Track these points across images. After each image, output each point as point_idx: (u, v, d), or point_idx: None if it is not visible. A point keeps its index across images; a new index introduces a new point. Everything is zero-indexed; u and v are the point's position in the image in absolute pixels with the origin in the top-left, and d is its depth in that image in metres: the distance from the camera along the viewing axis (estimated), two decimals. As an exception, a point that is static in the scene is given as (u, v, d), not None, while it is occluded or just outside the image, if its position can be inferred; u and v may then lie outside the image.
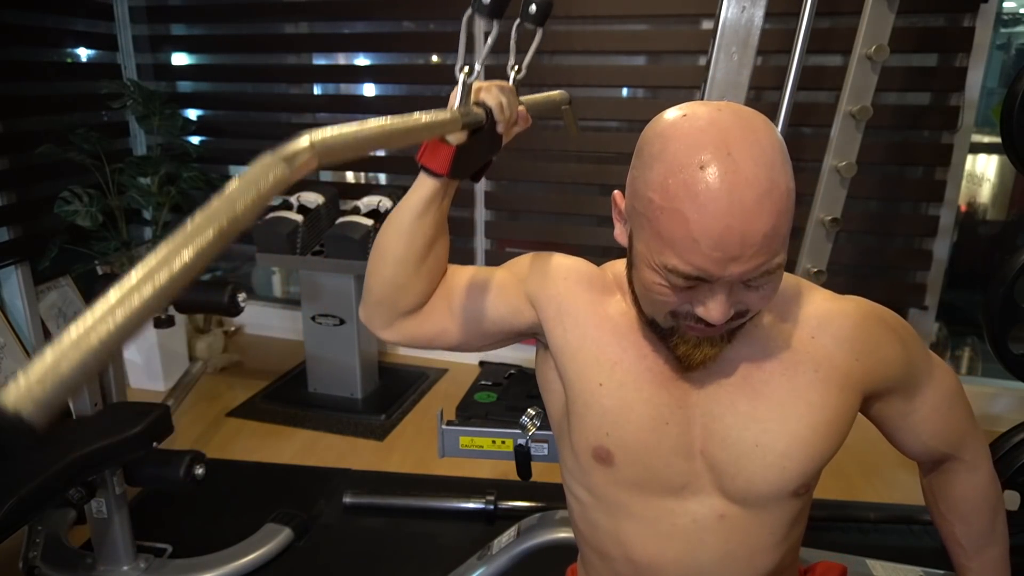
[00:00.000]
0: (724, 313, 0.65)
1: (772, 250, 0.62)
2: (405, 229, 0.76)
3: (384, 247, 0.79)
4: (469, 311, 0.82)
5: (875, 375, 0.79)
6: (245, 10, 2.79)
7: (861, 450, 2.17)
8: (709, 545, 0.78)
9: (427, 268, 0.79)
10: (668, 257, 0.63)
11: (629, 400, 0.76)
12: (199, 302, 1.86)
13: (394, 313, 0.81)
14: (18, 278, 2.49)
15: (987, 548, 0.92)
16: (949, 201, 2.31)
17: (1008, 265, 1.51)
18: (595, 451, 0.78)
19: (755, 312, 0.69)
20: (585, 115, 2.56)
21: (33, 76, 2.63)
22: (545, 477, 1.57)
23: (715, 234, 0.60)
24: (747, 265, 0.62)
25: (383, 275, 0.79)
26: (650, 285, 0.67)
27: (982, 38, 2.15)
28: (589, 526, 0.85)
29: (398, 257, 0.78)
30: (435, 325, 0.83)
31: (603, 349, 0.77)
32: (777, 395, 0.75)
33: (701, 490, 0.77)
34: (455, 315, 0.82)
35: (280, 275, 3.41)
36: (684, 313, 0.68)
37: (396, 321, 0.82)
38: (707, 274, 0.62)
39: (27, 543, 1.65)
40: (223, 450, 2.21)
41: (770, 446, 0.74)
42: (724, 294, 0.64)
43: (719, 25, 1.60)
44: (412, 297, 0.80)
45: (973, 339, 2.76)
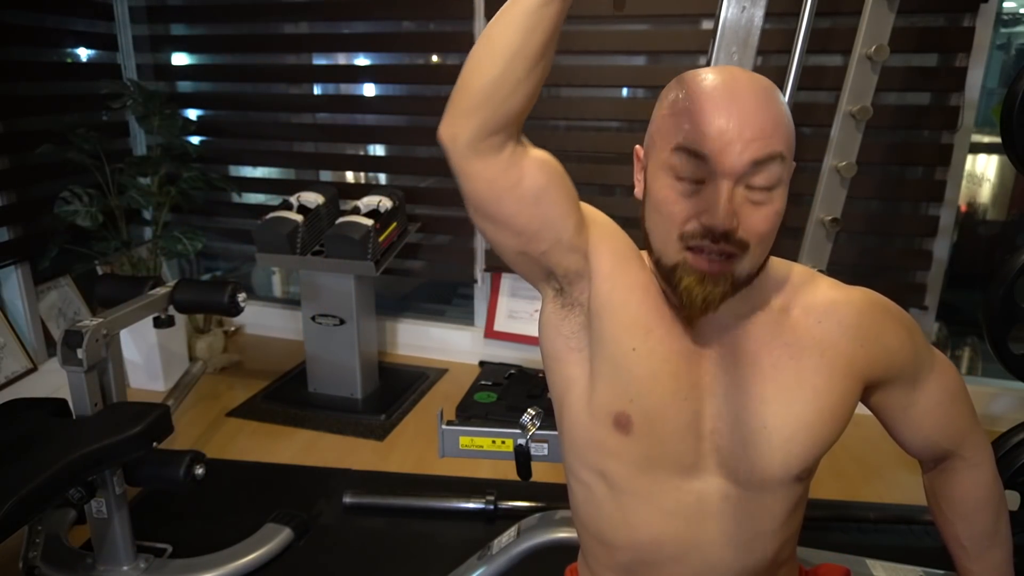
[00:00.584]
0: (727, 211, 0.67)
1: (770, 139, 0.68)
2: (526, 18, 0.66)
3: (495, 39, 0.68)
4: (554, 195, 0.75)
5: (878, 363, 0.81)
6: (245, 10, 2.79)
7: (861, 450, 2.17)
8: (710, 526, 0.79)
9: (539, 74, 0.69)
10: (676, 140, 0.69)
11: (657, 370, 0.77)
12: (199, 302, 1.86)
13: (491, 123, 0.69)
14: (18, 278, 2.49)
15: (990, 550, 0.92)
16: (949, 201, 2.31)
17: (1008, 265, 1.50)
18: (617, 416, 0.78)
19: (752, 247, 0.70)
20: (585, 115, 2.57)
21: (33, 76, 2.63)
22: (545, 477, 1.57)
23: (717, 115, 0.67)
24: (747, 148, 0.67)
25: (491, 71, 0.68)
26: (661, 197, 0.71)
27: (982, 38, 2.15)
28: (593, 510, 0.85)
29: (513, 50, 0.67)
30: (514, 177, 0.72)
31: (642, 314, 0.78)
32: (784, 379, 0.77)
33: (707, 470, 0.79)
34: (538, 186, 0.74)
35: (280, 275, 3.41)
36: (691, 233, 0.70)
37: (487, 139, 0.70)
38: (710, 151, 0.67)
39: (27, 543, 1.64)
40: (223, 450, 2.21)
41: (777, 429, 0.76)
42: (727, 193, 0.67)
43: (719, 25, 1.59)
44: (516, 103, 0.69)
45: (973, 339, 2.76)
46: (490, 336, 2.85)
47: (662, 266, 0.74)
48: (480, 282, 2.85)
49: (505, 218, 0.74)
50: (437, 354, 2.93)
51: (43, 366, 2.53)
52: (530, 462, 1.41)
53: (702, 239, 0.69)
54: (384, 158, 3.09)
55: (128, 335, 2.49)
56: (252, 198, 3.07)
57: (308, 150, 3.00)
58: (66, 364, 1.49)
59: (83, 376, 1.50)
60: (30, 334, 2.53)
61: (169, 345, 2.61)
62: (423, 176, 2.85)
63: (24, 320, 2.52)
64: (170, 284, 1.83)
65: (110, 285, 1.87)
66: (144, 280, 1.83)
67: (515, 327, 2.82)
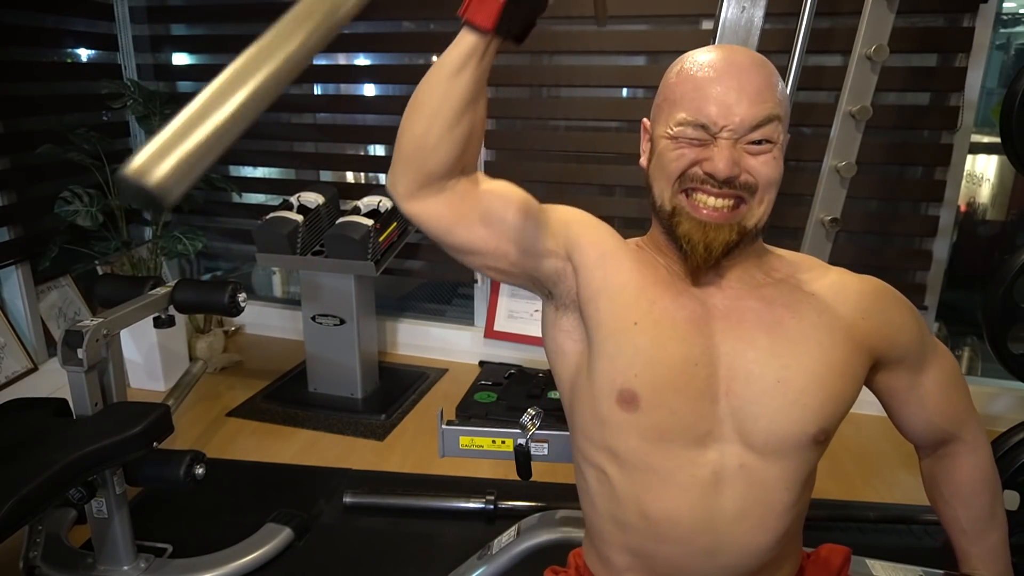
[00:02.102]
0: (728, 162, 0.73)
1: (766, 102, 0.74)
2: (441, 85, 0.72)
3: (418, 101, 0.74)
4: (498, 218, 0.79)
5: (882, 337, 0.84)
6: (245, 10, 2.79)
7: (861, 450, 2.17)
8: (726, 500, 0.79)
9: (461, 131, 0.74)
10: (679, 112, 0.75)
11: (663, 339, 0.79)
12: (199, 302, 1.86)
13: (420, 175, 0.75)
14: (18, 278, 2.49)
15: (989, 532, 0.94)
16: (949, 201, 2.32)
17: (1008, 265, 1.51)
18: (620, 394, 0.79)
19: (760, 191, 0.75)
20: (585, 115, 2.57)
21: (33, 76, 2.63)
22: (545, 477, 1.57)
23: (717, 85, 0.74)
24: (745, 114, 0.73)
25: (414, 131, 0.74)
26: (665, 154, 0.77)
27: (982, 38, 2.15)
28: (606, 492, 0.85)
29: (431, 112, 0.73)
30: (457, 212, 0.78)
31: (644, 289, 0.81)
32: (789, 334, 0.79)
33: (723, 436, 0.79)
34: (482, 214, 0.79)
35: (280, 275, 3.41)
36: (692, 176, 0.75)
37: (421, 188, 0.76)
38: (712, 122, 0.74)
39: (27, 543, 1.65)
40: (223, 450, 2.21)
41: (791, 382, 0.78)
42: (727, 147, 0.73)
43: (719, 25, 1.60)
44: (440, 158, 0.74)
45: (973, 339, 2.76)
46: (490, 336, 2.85)
47: (662, 213, 0.79)
48: (480, 282, 2.85)
49: (460, 245, 0.81)
50: (437, 354, 2.93)
51: (43, 366, 2.53)
52: (530, 462, 1.41)
53: (703, 183, 0.75)
54: (384, 158, 3.09)
55: (128, 335, 2.49)
56: (252, 198, 3.07)
57: (308, 150, 3.00)
58: (66, 364, 1.50)
59: (83, 376, 1.50)
60: (30, 334, 2.53)
61: (169, 345, 2.61)
62: (423, 176, 2.85)
63: (24, 320, 2.52)
64: (170, 284, 1.83)
65: (110, 285, 1.87)
66: (144, 280, 1.83)
67: (515, 327, 2.82)
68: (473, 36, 0.70)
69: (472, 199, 0.78)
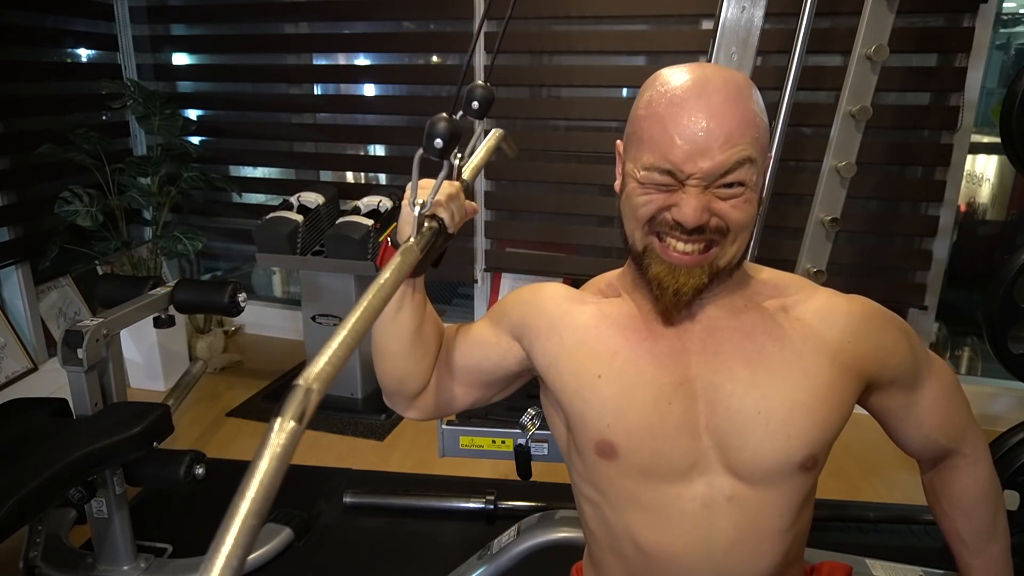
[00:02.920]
0: (696, 211, 0.70)
1: (738, 145, 0.69)
2: (388, 328, 0.84)
3: (378, 346, 0.87)
4: (467, 372, 0.90)
5: (873, 359, 0.81)
6: (245, 10, 2.79)
7: (861, 450, 2.17)
8: (719, 530, 0.78)
9: (419, 352, 0.86)
10: (647, 156, 0.72)
11: (630, 386, 0.78)
12: (199, 302, 1.86)
13: (408, 397, 0.90)
14: (18, 278, 2.49)
15: (990, 544, 0.93)
16: (949, 201, 2.31)
17: (1008, 265, 1.50)
18: (597, 446, 0.79)
19: (732, 233, 0.73)
20: (585, 115, 2.57)
21: (33, 76, 2.63)
22: (545, 477, 1.57)
23: (684, 127, 0.69)
24: (713, 161, 0.69)
25: (385, 369, 0.88)
26: (633, 194, 0.74)
27: (982, 38, 2.15)
28: (601, 525, 0.85)
29: (391, 352, 0.86)
30: (445, 394, 0.91)
31: (602, 342, 0.80)
32: (771, 363, 0.77)
33: (708, 469, 0.78)
34: (457, 379, 0.91)
35: (280, 275, 3.41)
36: (661, 222, 0.73)
37: (413, 403, 0.91)
38: (678, 169, 0.70)
39: (27, 543, 1.65)
40: (223, 450, 2.21)
41: (772, 412, 0.76)
42: (696, 195, 0.70)
43: (719, 25, 1.60)
44: (416, 379, 0.88)
45: (973, 339, 2.76)
46: (490, 336, 2.85)
47: (634, 252, 0.78)
48: (480, 282, 2.85)
49: (466, 409, 0.96)
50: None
51: (43, 366, 2.53)
52: (530, 462, 1.41)
53: (672, 230, 0.73)
54: (384, 158, 3.09)
55: (128, 335, 2.49)
56: (252, 198, 3.07)
57: (308, 150, 3.00)
58: (66, 364, 1.50)
59: (83, 376, 1.50)
60: (30, 334, 2.53)
61: (169, 345, 2.61)
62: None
63: (24, 320, 2.52)
64: (170, 284, 1.83)
65: (110, 285, 1.87)
66: (144, 280, 1.83)
67: (515, 327, 2.82)
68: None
69: (446, 378, 0.91)
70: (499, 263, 2.78)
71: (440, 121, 0.74)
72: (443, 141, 0.74)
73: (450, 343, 0.91)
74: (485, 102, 0.89)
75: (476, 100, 0.89)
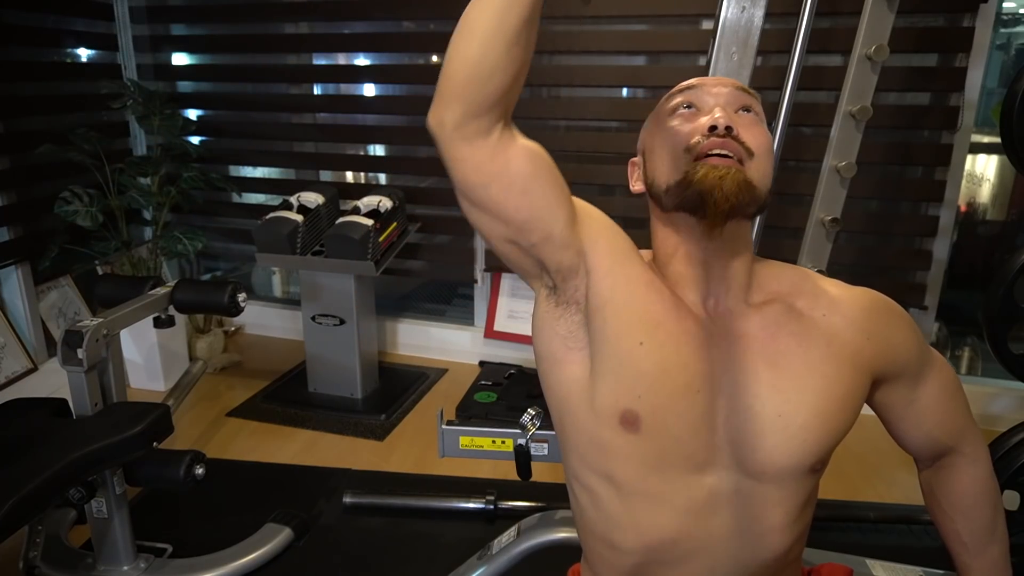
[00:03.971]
0: (724, 115, 0.76)
1: (749, 93, 0.82)
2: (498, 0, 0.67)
3: (471, 22, 0.68)
4: (539, 183, 0.75)
5: (884, 357, 0.82)
6: (245, 10, 2.79)
7: (861, 450, 2.17)
8: (722, 519, 0.78)
9: (518, 53, 0.68)
10: (673, 100, 0.82)
11: (667, 363, 0.76)
12: (199, 302, 1.86)
13: (473, 106, 0.69)
14: (18, 278, 2.49)
15: (989, 546, 0.93)
16: (949, 201, 2.31)
17: (1008, 265, 1.50)
18: (623, 415, 0.76)
19: (756, 156, 0.76)
20: (585, 115, 2.56)
21: (33, 76, 2.63)
22: (545, 477, 1.57)
23: (706, 84, 0.82)
24: (732, 90, 0.80)
25: (467, 54, 0.68)
26: (668, 133, 0.80)
27: (982, 38, 2.15)
28: (600, 515, 0.83)
29: (489, 32, 0.67)
30: (500, 163, 0.72)
31: (649, 308, 0.77)
32: (794, 367, 0.77)
33: (719, 463, 0.78)
34: (522, 172, 0.74)
35: (280, 275, 3.41)
36: (695, 144, 0.76)
37: (472, 122, 0.70)
38: (700, 84, 0.81)
39: (27, 543, 1.64)
40: (223, 450, 2.21)
41: (791, 417, 0.76)
42: (721, 108, 0.78)
43: (719, 25, 1.59)
44: (496, 85, 0.68)
45: (973, 339, 2.76)
46: (490, 336, 2.85)
47: (674, 183, 0.77)
48: (480, 282, 2.85)
49: (493, 206, 0.74)
50: (437, 354, 2.93)
51: (43, 366, 2.53)
52: (530, 462, 1.41)
53: (705, 138, 0.76)
54: (384, 158, 3.09)
55: (128, 335, 2.49)
56: (252, 198, 3.07)
57: (308, 150, 3.00)
58: (66, 364, 1.49)
59: (83, 376, 1.50)
60: (30, 334, 2.53)
61: (169, 345, 2.61)
62: (423, 176, 2.85)
63: (24, 320, 2.52)
64: (170, 284, 1.83)
65: (110, 285, 1.87)
66: (144, 280, 1.83)
67: (515, 327, 2.82)
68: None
69: (515, 153, 0.73)
70: (499, 263, 2.78)
71: None
72: None
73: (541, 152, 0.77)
74: None
75: None
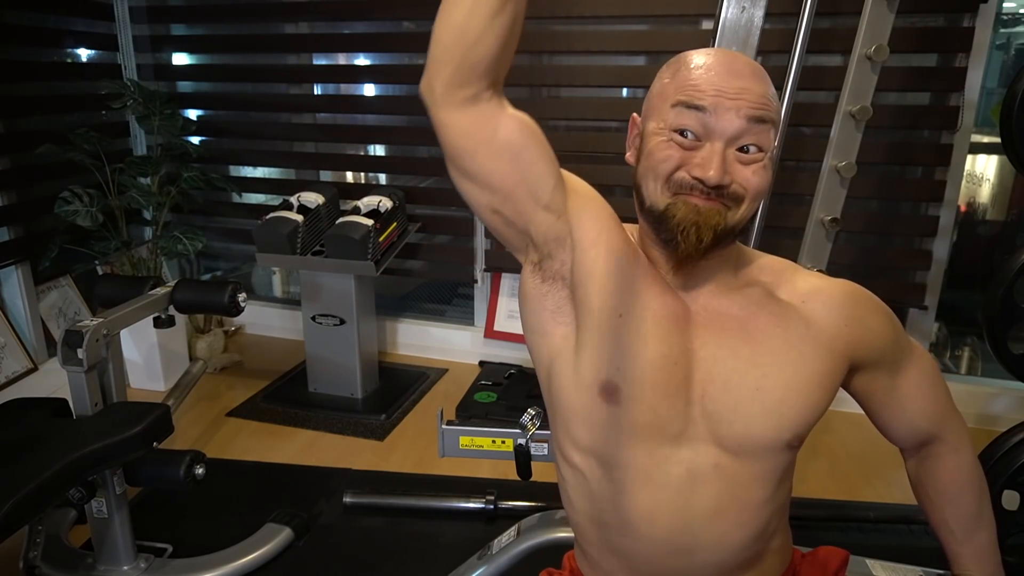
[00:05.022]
0: (719, 169, 0.72)
1: (762, 102, 0.73)
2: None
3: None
4: (527, 152, 0.76)
5: (862, 344, 0.84)
6: (245, 10, 2.79)
7: (861, 450, 2.17)
8: (701, 497, 0.80)
9: (504, 20, 0.69)
10: (676, 97, 0.74)
11: (645, 334, 0.78)
12: (199, 302, 1.86)
13: (460, 71, 0.71)
14: (18, 278, 2.49)
15: (977, 532, 0.95)
16: (949, 201, 2.31)
17: (1008, 265, 1.50)
18: (603, 386, 0.79)
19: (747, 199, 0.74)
20: (585, 115, 2.56)
21: (33, 76, 2.63)
22: (545, 477, 1.57)
23: (715, 76, 0.73)
24: (743, 109, 0.72)
25: (453, 19, 0.70)
26: (656, 150, 0.75)
27: (982, 38, 2.15)
28: (585, 492, 0.85)
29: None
30: (488, 130, 0.74)
31: (630, 281, 0.80)
32: (773, 343, 0.80)
33: (696, 437, 0.80)
34: (511, 140, 0.75)
35: (280, 275, 3.41)
36: (680, 181, 0.74)
37: (460, 89, 0.71)
38: (708, 107, 0.72)
39: (27, 543, 1.65)
40: (223, 450, 2.21)
41: (769, 391, 0.78)
42: (719, 151, 0.72)
43: (719, 25, 1.60)
44: (482, 51, 0.70)
45: (973, 339, 2.76)
46: (490, 336, 2.85)
47: (653, 213, 0.77)
48: (480, 282, 2.85)
49: (481, 173, 0.76)
50: (437, 354, 2.93)
51: (43, 366, 2.53)
52: (530, 462, 1.41)
53: (692, 190, 0.74)
54: (384, 158, 3.09)
55: (128, 335, 2.49)
56: (252, 198, 3.07)
57: (308, 150, 3.00)
58: (66, 364, 1.50)
59: (83, 376, 1.50)
60: (30, 334, 2.53)
61: (169, 345, 2.61)
62: (423, 176, 2.85)
63: (24, 320, 2.52)
64: (170, 284, 1.83)
65: (110, 285, 1.87)
66: (144, 280, 1.83)
67: (515, 327, 2.82)
68: None
69: (503, 122, 0.74)
70: (499, 263, 2.78)
71: None
72: None
73: (530, 122, 0.78)
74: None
75: None
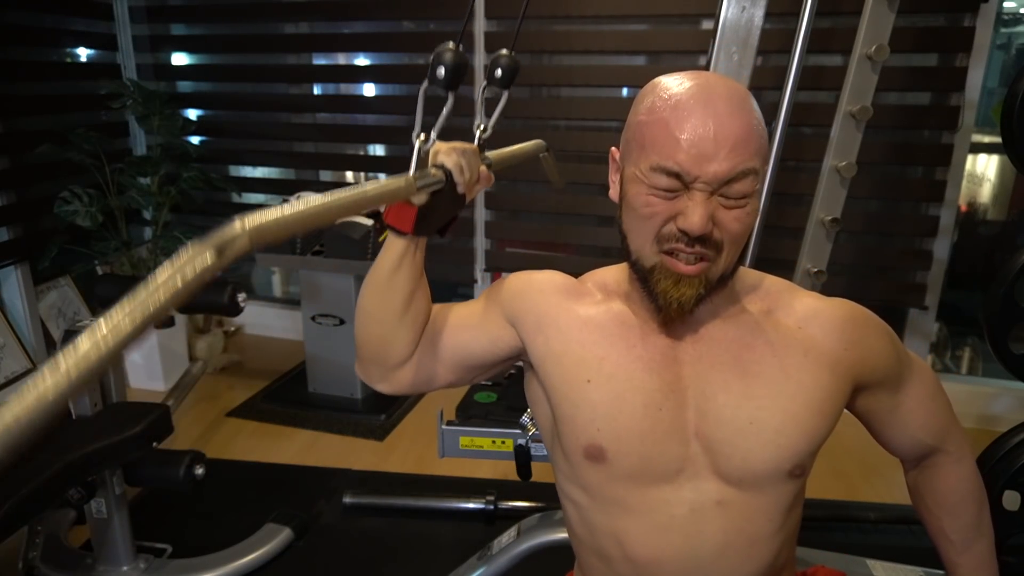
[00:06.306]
0: (703, 218, 0.69)
1: (744, 154, 0.69)
2: (382, 287, 0.81)
3: (365, 307, 0.83)
4: (453, 352, 0.86)
5: (864, 365, 0.82)
6: (245, 10, 2.79)
7: (861, 450, 2.17)
8: (707, 535, 0.78)
9: (409, 320, 0.82)
10: (653, 157, 0.70)
11: (619, 390, 0.78)
12: (199, 302, 1.85)
13: (386, 367, 0.85)
14: (18, 278, 2.49)
15: (975, 542, 0.94)
16: (949, 201, 2.31)
17: (1008, 265, 1.50)
18: (586, 450, 0.79)
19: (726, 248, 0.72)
20: (585, 115, 2.56)
21: (33, 76, 2.63)
22: (545, 477, 1.57)
23: (691, 130, 0.68)
24: (721, 165, 0.68)
25: (369, 333, 0.84)
26: (638, 203, 0.73)
27: (982, 38, 2.15)
28: (587, 528, 0.85)
29: (380, 315, 0.82)
30: (425, 371, 0.87)
31: (589, 348, 0.80)
32: (768, 374, 0.78)
33: (696, 475, 0.78)
34: (441, 359, 0.86)
35: (280, 275, 3.41)
36: (667, 235, 0.72)
37: (390, 374, 0.86)
38: (685, 172, 0.69)
39: (27, 543, 1.64)
40: (223, 450, 2.21)
41: (765, 422, 0.76)
42: (702, 202, 0.69)
43: (719, 25, 1.60)
44: (399, 349, 0.84)
45: (973, 339, 2.75)
46: (490, 336, 2.85)
47: (640, 267, 0.76)
48: (480, 282, 2.85)
49: (453, 382, 0.89)
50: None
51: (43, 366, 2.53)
52: (530, 462, 1.41)
53: (677, 241, 0.72)
54: (384, 158, 3.09)
55: (128, 335, 2.48)
56: (252, 198, 3.07)
57: (308, 150, 3.00)
58: (66, 364, 1.49)
59: (83, 376, 1.50)
60: (30, 334, 2.53)
61: (169, 345, 2.61)
62: (423, 176, 2.85)
63: (24, 320, 2.52)
64: (170, 284, 1.82)
65: (110, 285, 1.87)
66: (144, 280, 1.83)
67: (515, 327, 2.82)
68: (399, 239, 0.78)
69: (429, 354, 0.86)
70: (499, 263, 2.78)
71: (446, 52, 0.71)
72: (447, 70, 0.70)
73: (438, 321, 0.87)
74: (509, 71, 0.88)
75: (500, 68, 0.87)
